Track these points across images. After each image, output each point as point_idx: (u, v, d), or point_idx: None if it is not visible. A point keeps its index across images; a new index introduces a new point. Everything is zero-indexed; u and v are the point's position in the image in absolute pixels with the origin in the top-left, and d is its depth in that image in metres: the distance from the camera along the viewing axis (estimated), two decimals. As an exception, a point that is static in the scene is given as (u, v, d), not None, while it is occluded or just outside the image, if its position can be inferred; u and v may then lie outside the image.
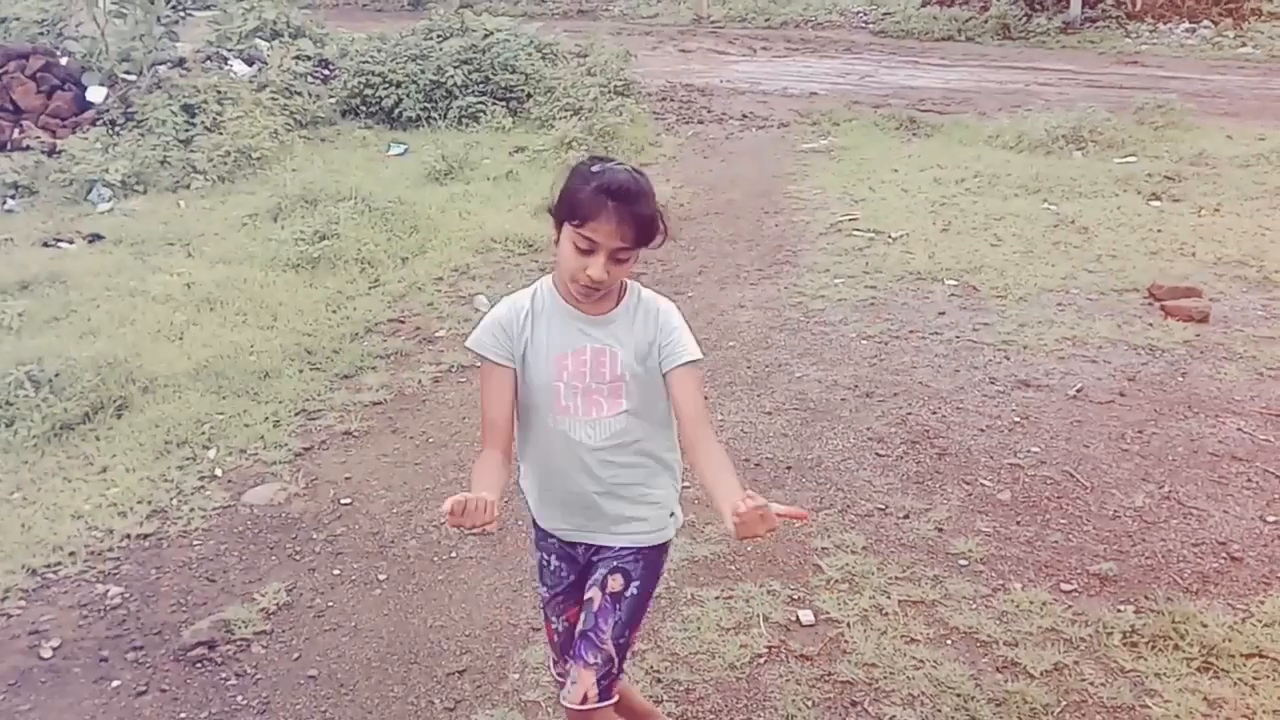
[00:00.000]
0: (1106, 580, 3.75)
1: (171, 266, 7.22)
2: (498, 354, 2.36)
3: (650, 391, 2.37)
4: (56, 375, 5.12)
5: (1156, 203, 8.50)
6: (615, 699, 2.43)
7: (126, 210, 8.75)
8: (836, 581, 3.79)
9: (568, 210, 2.22)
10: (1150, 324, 6.08)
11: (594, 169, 2.23)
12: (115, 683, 3.38)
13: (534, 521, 2.58)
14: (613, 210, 2.16)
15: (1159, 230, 7.75)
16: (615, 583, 2.42)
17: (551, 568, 2.58)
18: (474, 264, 7.50)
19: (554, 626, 2.64)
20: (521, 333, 2.35)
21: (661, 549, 2.53)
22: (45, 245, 7.77)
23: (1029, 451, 4.68)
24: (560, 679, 2.57)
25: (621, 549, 2.45)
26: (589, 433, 2.34)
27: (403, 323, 6.44)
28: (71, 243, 7.84)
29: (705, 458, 2.27)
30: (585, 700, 2.36)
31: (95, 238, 7.92)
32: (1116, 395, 5.21)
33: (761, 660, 3.41)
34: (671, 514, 2.51)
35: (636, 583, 2.44)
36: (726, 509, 2.06)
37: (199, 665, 3.45)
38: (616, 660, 2.42)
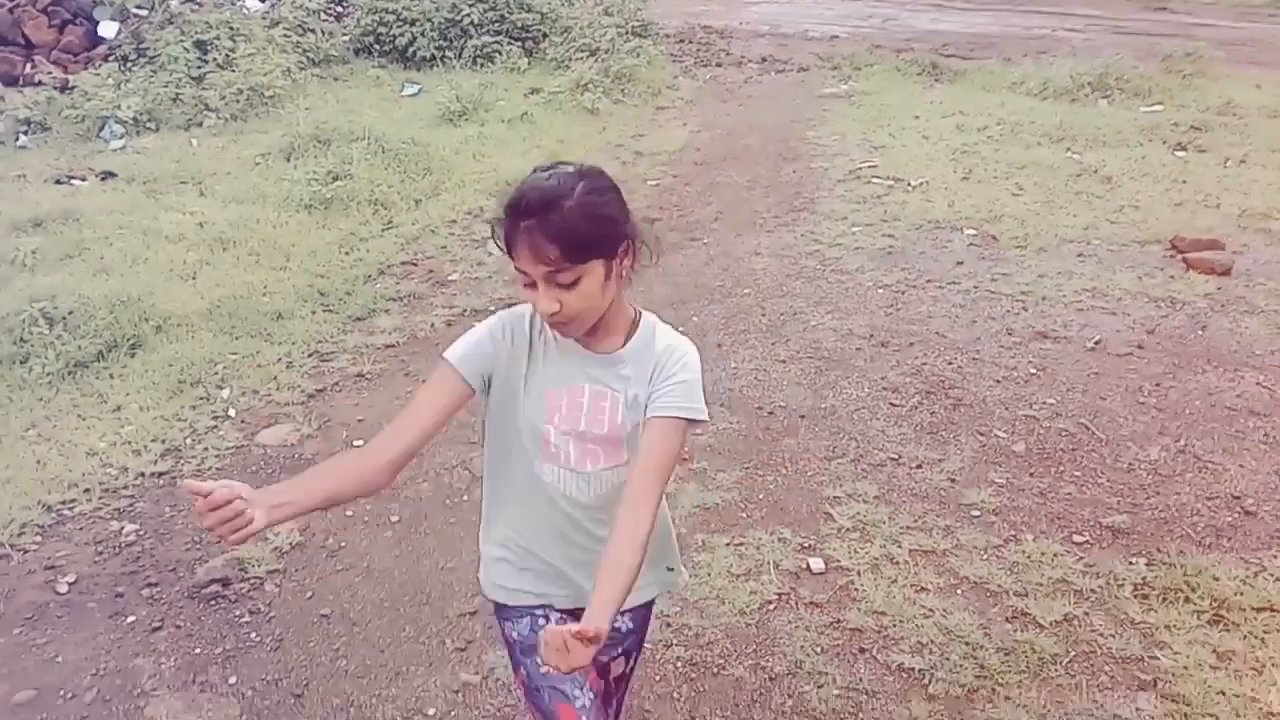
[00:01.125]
0: (1119, 533, 3.74)
1: (184, 205, 7.19)
2: (464, 363, 1.91)
3: None
4: (70, 313, 5.12)
5: (1182, 153, 8.37)
6: None
7: (139, 148, 8.70)
8: (848, 530, 3.79)
9: (503, 245, 1.86)
10: (1172, 276, 6.01)
11: (515, 186, 1.83)
12: (130, 618, 3.41)
13: (501, 604, 2.11)
14: (524, 231, 1.78)
15: (1183, 181, 7.64)
16: (618, 667, 2.21)
17: (554, 622, 2.03)
18: (488, 207, 7.43)
19: (577, 705, 1.98)
20: (514, 353, 1.94)
21: (650, 608, 2.26)
22: (58, 182, 7.75)
23: (1044, 403, 4.65)
24: None
25: (624, 628, 2.15)
26: (581, 487, 1.96)
27: (415, 265, 6.41)
28: (84, 180, 7.81)
29: (620, 530, 1.81)
30: None
31: (107, 175, 7.89)
32: (1135, 348, 5.16)
33: (771, 607, 3.41)
34: (670, 568, 2.20)
35: (635, 655, 2.25)
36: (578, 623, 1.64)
37: (213, 602, 3.48)
38: None
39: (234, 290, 5.81)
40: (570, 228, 1.77)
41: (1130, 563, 3.57)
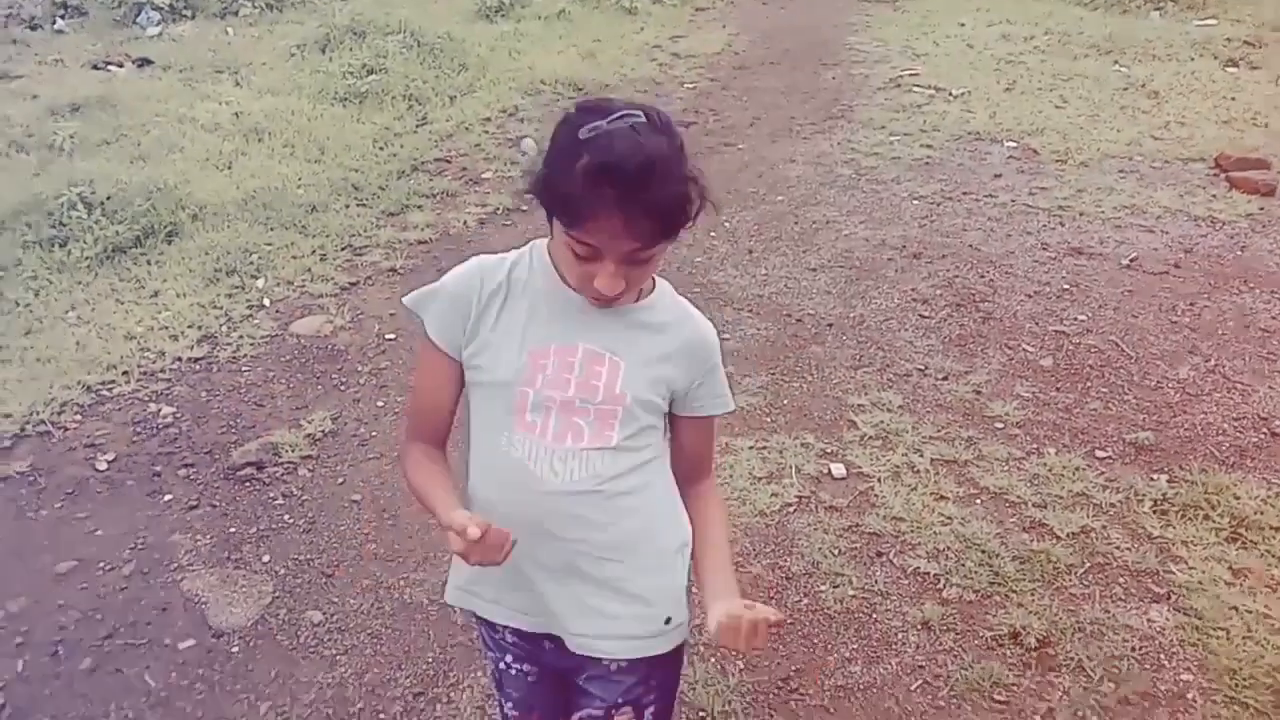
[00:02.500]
0: (1142, 449, 3.75)
1: (220, 95, 7.18)
2: (440, 335, 1.62)
3: (654, 430, 1.65)
4: (108, 198, 5.17)
5: (1233, 69, 8.13)
6: None
7: (175, 35, 8.67)
8: (870, 438, 3.82)
9: (554, 205, 1.46)
10: (1214, 195, 5.89)
11: (583, 134, 1.40)
12: (168, 496, 3.52)
13: (475, 614, 1.78)
14: (616, 203, 1.38)
15: (1232, 98, 7.44)
16: (623, 717, 1.72)
17: (512, 673, 1.81)
18: (523, 106, 7.38)
19: None
20: (482, 313, 1.59)
21: (674, 656, 1.73)
22: (95, 68, 7.74)
23: (1075, 319, 4.62)
24: None
25: (618, 668, 1.68)
26: (555, 468, 1.57)
27: (449, 162, 6.39)
28: (120, 66, 7.80)
29: (705, 526, 1.70)
30: None
31: (144, 62, 7.87)
32: (1171, 266, 5.09)
33: (791, 509, 3.46)
34: (668, 620, 1.67)
35: (652, 709, 1.73)
36: (715, 609, 1.52)
37: (248, 484, 3.57)
38: None
39: (269, 181, 5.83)
40: (671, 199, 1.41)
41: (1151, 479, 3.58)
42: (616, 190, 1.38)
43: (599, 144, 1.39)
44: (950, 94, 7.62)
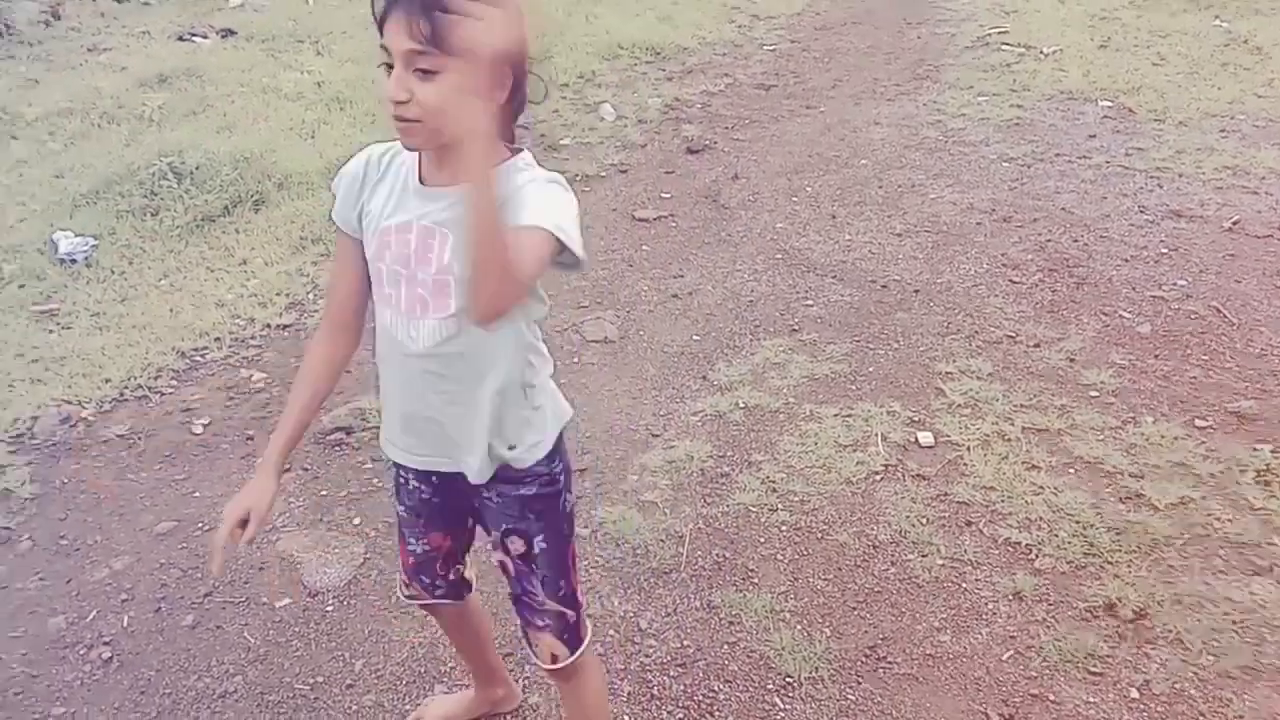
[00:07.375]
0: (1245, 418, 3.61)
1: (302, 64, 7.27)
2: (339, 215, 1.82)
3: None
4: (197, 168, 5.27)
5: (1343, 22, 7.76)
6: (586, 641, 2.07)
7: (256, 5, 8.79)
8: (959, 406, 3.74)
9: (376, 16, 1.59)
10: (1322, 155, 5.65)
11: None
12: (260, 460, 3.58)
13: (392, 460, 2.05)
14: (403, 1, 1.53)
15: (1342, 52, 7.10)
16: (516, 545, 1.96)
17: (410, 487, 2.05)
18: (600, 71, 7.33)
19: (409, 548, 2.15)
20: (361, 191, 1.79)
21: (552, 496, 1.95)
22: (180, 39, 7.89)
23: (1174, 284, 4.47)
24: (409, 599, 2.27)
25: (501, 499, 1.93)
26: (412, 335, 1.76)
27: (526, 129, 6.36)
28: (205, 37, 7.94)
29: None
30: (556, 660, 2.04)
31: (228, 33, 8.00)
32: (1276, 229, 4.89)
33: (877, 477, 3.42)
34: (511, 446, 1.87)
35: (540, 538, 1.95)
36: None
37: (337, 449, 3.63)
38: (569, 611, 2.03)
39: (351, 150, 5.83)
40: (453, 6, 1.51)
41: (1254, 449, 3.46)
42: None
43: None
44: (1041, 52, 7.40)
